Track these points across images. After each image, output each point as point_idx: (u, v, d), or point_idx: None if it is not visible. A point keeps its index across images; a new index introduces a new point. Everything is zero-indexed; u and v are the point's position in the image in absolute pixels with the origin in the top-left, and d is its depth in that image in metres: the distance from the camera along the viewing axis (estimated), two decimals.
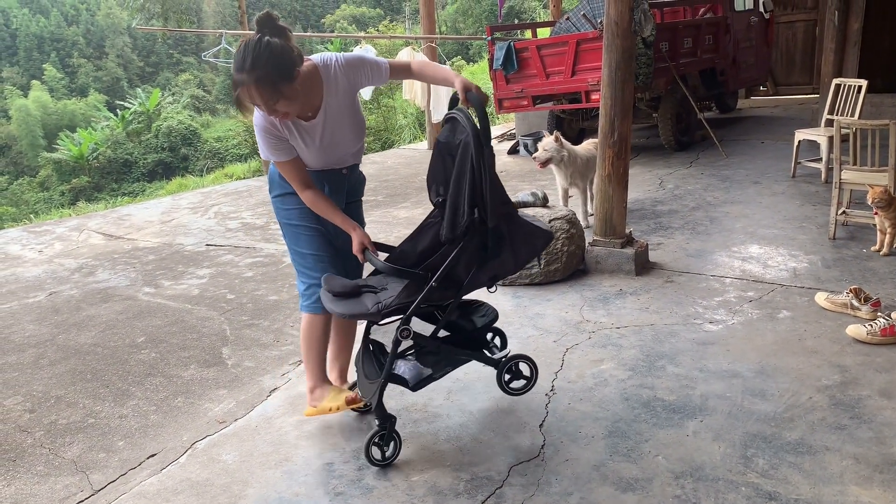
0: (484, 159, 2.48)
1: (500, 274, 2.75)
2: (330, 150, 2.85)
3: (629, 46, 4.33)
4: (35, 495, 2.82)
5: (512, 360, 2.99)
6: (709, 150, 8.36)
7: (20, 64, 59.27)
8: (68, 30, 63.08)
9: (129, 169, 35.09)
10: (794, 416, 2.89)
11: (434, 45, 9.87)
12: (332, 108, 2.76)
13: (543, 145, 5.43)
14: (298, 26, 61.11)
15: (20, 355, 4.23)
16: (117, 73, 59.42)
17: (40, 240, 7.25)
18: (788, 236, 5.09)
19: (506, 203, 2.65)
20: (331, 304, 2.70)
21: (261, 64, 2.42)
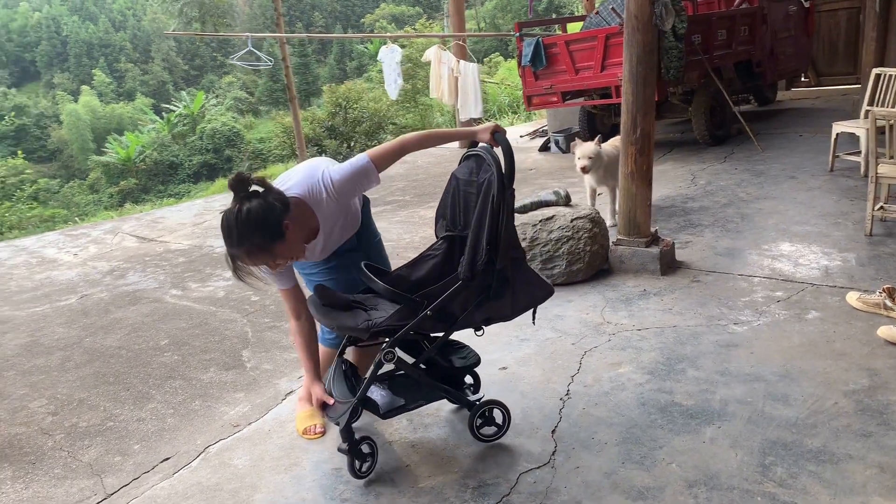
0: (505, 200, 2.44)
1: (494, 317, 2.67)
2: (328, 251, 2.89)
3: (650, 40, 4.23)
4: (51, 498, 2.86)
5: (487, 404, 2.85)
6: (744, 144, 8.15)
7: (70, 70, 60.92)
8: (116, 35, 64.65)
9: (174, 171, 35.82)
10: (817, 423, 2.78)
11: (462, 42, 9.81)
12: (328, 226, 2.74)
13: (587, 153, 5.30)
14: (339, 26, 61.65)
15: (48, 358, 4.31)
16: (163, 76, 60.69)
17: (76, 243, 7.41)
18: (822, 233, 4.93)
19: (517, 248, 2.60)
20: (319, 313, 2.67)
21: (246, 236, 2.38)
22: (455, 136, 2.80)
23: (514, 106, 18.41)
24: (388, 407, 2.73)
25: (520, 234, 4.54)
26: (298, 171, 2.72)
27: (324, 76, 51.86)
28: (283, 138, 22.75)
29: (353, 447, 2.66)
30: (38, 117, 50.92)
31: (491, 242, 2.46)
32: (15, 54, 63.68)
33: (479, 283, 2.51)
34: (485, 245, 2.45)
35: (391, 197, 8.11)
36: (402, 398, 2.76)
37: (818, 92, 11.50)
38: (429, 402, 2.84)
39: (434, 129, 2.83)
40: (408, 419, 3.11)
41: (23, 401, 3.76)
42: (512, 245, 2.55)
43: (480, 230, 2.47)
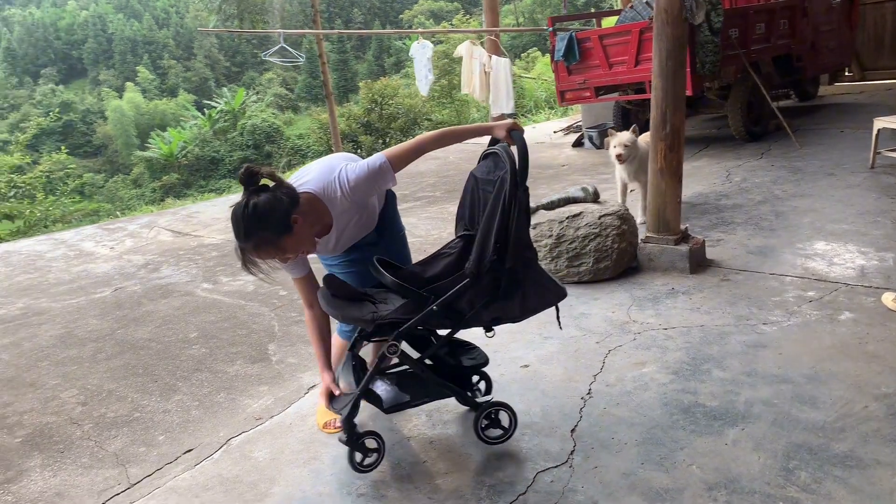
0: (517, 198, 2.41)
1: (503, 318, 2.63)
2: (343, 247, 2.88)
3: (680, 35, 4.15)
4: (77, 486, 2.92)
5: (492, 406, 2.81)
6: (782, 140, 7.98)
7: (116, 67, 62.26)
8: (159, 32, 65.88)
9: (215, 166, 36.35)
10: (845, 427, 2.70)
11: (495, 38, 9.76)
12: (341, 223, 2.73)
13: (624, 141, 5.25)
14: (377, 22, 61.93)
15: (81, 349, 4.41)
16: (205, 73, 61.69)
17: (113, 237, 7.56)
18: (859, 231, 4.79)
19: (529, 248, 2.55)
20: (326, 303, 2.67)
21: (253, 231, 2.39)
22: (472, 132, 2.76)
23: (550, 101, 18.28)
24: (392, 402, 2.72)
25: (546, 230, 4.50)
26: (316, 166, 2.73)
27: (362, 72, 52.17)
28: (319, 134, 22.94)
29: (353, 440, 2.66)
30: (85, 113, 52.19)
31: (500, 240, 2.42)
32: (63, 52, 65.30)
33: (487, 282, 2.48)
34: (493, 242, 2.42)
35: (421, 192, 8.11)
36: (407, 394, 2.75)
37: (862, 87, 11.20)
38: (434, 399, 2.82)
39: (451, 128, 2.80)
40: (426, 415, 3.11)
41: (55, 391, 3.85)
42: (524, 245, 2.50)
43: (490, 227, 2.44)
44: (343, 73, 52.91)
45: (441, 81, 21.17)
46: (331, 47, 51.94)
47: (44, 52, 64.63)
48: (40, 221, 15.98)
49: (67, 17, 67.70)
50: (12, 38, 64.13)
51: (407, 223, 3.20)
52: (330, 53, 50.63)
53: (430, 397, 2.79)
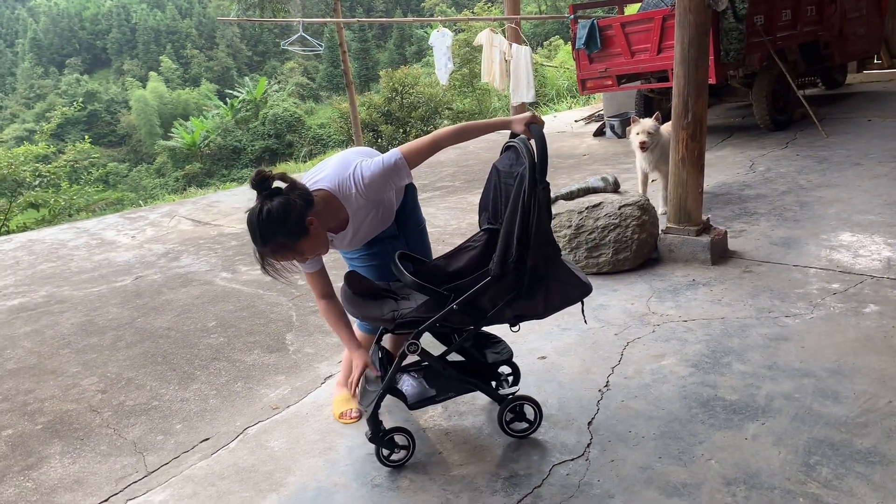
0: (536, 195, 2.36)
1: (526, 315, 2.59)
2: (360, 242, 2.86)
3: (702, 21, 4.07)
4: (95, 473, 2.95)
5: (517, 400, 2.78)
6: (808, 129, 7.84)
7: (139, 56, 62.79)
8: (182, 22, 66.27)
9: (237, 155, 36.56)
10: (868, 422, 2.65)
11: (516, 25, 9.68)
12: (357, 220, 2.71)
13: (647, 129, 5.17)
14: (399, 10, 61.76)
15: (101, 337, 4.44)
16: (227, 62, 61.99)
17: (134, 226, 7.62)
18: (886, 223, 4.69)
19: (550, 244, 2.50)
20: (347, 302, 2.66)
21: (269, 235, 2.39)
22: (490, 127, 2.71)
23: (572, 90, 18.12)
24: (417, 398, 2.71)
25: (565, 220, 4.46)
26: (332, 163, 2.71)
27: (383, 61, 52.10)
28: (340, 123, 22.92)
29: (378, 437, 2.65)
30: (109, 103, 52.70)
31: (522, 239, 2.39)
32: (87, 42, 65.94)
33: (510, 281, 2.45)
34: (515, 242, 2.39)
35: (441, 182, 8.08)
36: (432, 389, 2.74)
37: (892, 74, 10.97)
38: (458, 394, 2.80)
39: (468, 123, 2.75)
40: (443, 406, 3.09)
41: (75, 378, 3.89)
42: (545, 242, 2.45)
43: (512, 226, 2.40)
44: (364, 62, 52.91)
45: (462, 70, 21.03)
46: (352, 36, 51.91)
47: (69, 42, 65.30)
48: (65, 210, 16.17)
49: (92, 7, 68.30)
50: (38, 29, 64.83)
51: (426, 213, 3.18)
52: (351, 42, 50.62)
53: (454, 392, 2.77)
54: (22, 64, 60.84)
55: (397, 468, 2.70)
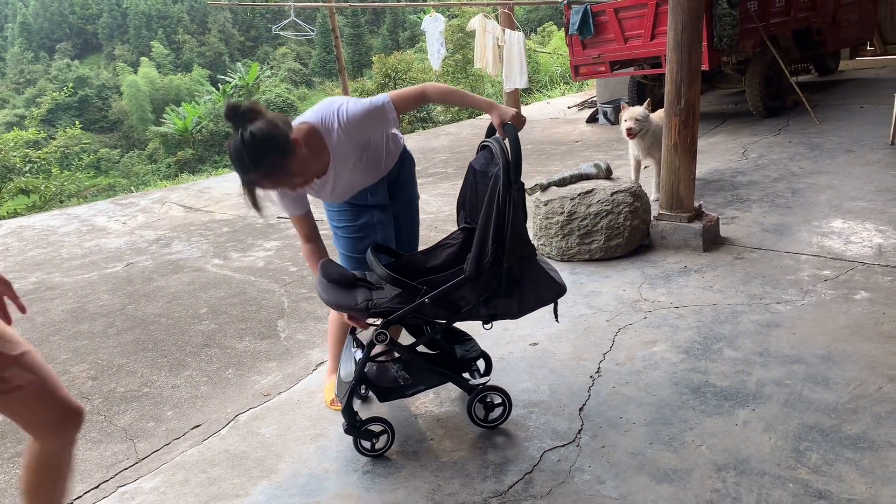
0: (511, 196, 2.35)
1: (501, 314, 2.59)
2: (344, 192, 2.79)
3: (696, 7, 4.06)
4: (86, 461, 2.94)
5: (486, 390, 2.77)
6: (800, 116, 7.84)
7: (130, 42, 62.29)
8: (174, 7, 65.74)
9: None
10: (858, 408, 2.66)
11: (508, 11, 9.62)
12: (340, 163, 2.65)
13: (635, 115, 5.16)
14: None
15: (92, 324, 4.42)
16: (219, 48, 61.58)
17: (125, 212, 7.58)
18: (878, 209, 4.70)
19: (526, 244, 2.49)
20: (322, 290, 2.64)
21: (259, 155, 2.27)
22: (474, 103, 2.68)
23: (565, 77, 18.10)
24: (388, 390, 2.71)
25: (558, 207, 4.45)
26: (318, 104, 2.67)
27: (376, 47, 51.80)
28: None
29: (355, 427, 2.64)
30: (100, 88, 52.33)
31: (497, 241, 2.38)
32: (78, 26, 65.36)
33: (485, 281, 2.45)
34: (491, 243, 2.38)
35: (433, 169, 8.06)
36: (404, 382, 2.73)
37: (884, 61, 10.97)
38: (429, 387, 2.78)
39: (458, 90, 2.74)
40: (434, 393, 3.09)
41: (66, 365, 3.87)
42: (521, 243, 2.45)
43: (487, 226, 2.39)
44: (357, 48, 52.63)
45: (455, 56, 20.97)
46: (345, 21, 51.56)
47: (59, 26, 64.73)
48: (55, 196, 16.07)
49: None
50: (28, 13, 64.21)
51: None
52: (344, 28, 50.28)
53: (425, 385, 2.76)
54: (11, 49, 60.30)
55: (386, 456, 2.70)
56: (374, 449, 2.69)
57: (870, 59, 11.27)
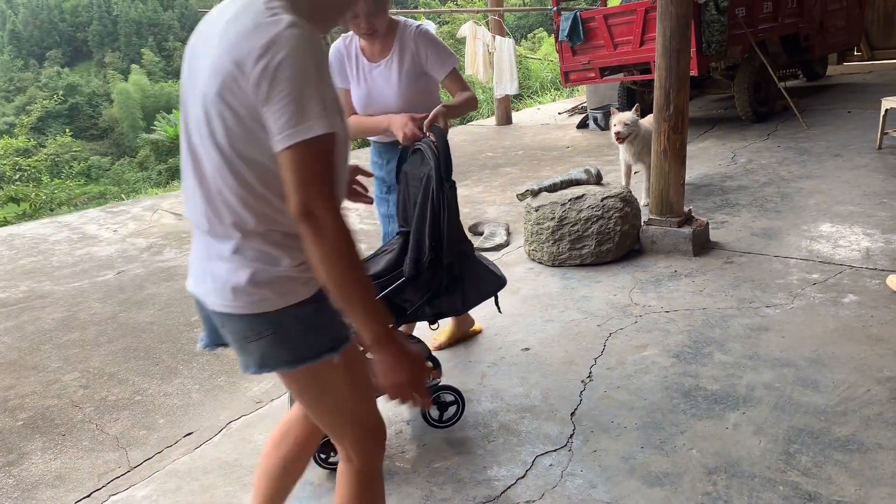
0: (443, 194, 2.38)
1: (446, 312, 2.61)
2: (371, 101, 2.95)
3: (684, 13, 4.09)
4: (77, 469, 2.93)
5: (438, 390, 2.80)
6: (789, 121, 7.90)
7: (121, 49, 62.05)
8: (164, 14, 65.57)
9: None
10: (847, 410, 2.68)
11: (498, 18, 9.66)
12: (394, 64, 2.89)
13: (624, 120, 5.20)
14: None
15: (83, 332, 4.41)
16: None
17: (116, 220, 7.56)
18: (866, 213, 4.75)
19: (462, 241, 2.51)
20: None
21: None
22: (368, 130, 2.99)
23: (556, 83, 18.14)
24: None
25: (548, 213, 4.47)
26: None
27: None
28: None
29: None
30: (90, 96, 52.10)
31: (434, 239, 2.39)
32: (68, 34, 65.12)
33: (426, 280, 2.46)
34: (428, 242, 2.39)
35: None
36: None
37: (871, 66, 11.07)
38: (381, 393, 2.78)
39: (354, 118, 2.99)
40: None
41: (57, 374, 3.86)
42: (458, 239, 2.47)
43: (422, 226, 2.40)
44: None
45: None
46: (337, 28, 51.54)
47: (49, 34, 64.47)
48: (45, 204, 16.00)
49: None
50: (17, 21, 63.98)
51: None
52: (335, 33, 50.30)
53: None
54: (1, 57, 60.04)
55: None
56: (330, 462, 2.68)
57: (857, 64, 11.37)
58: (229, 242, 1.59)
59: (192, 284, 1.71)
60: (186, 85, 1.61)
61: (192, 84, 1.58)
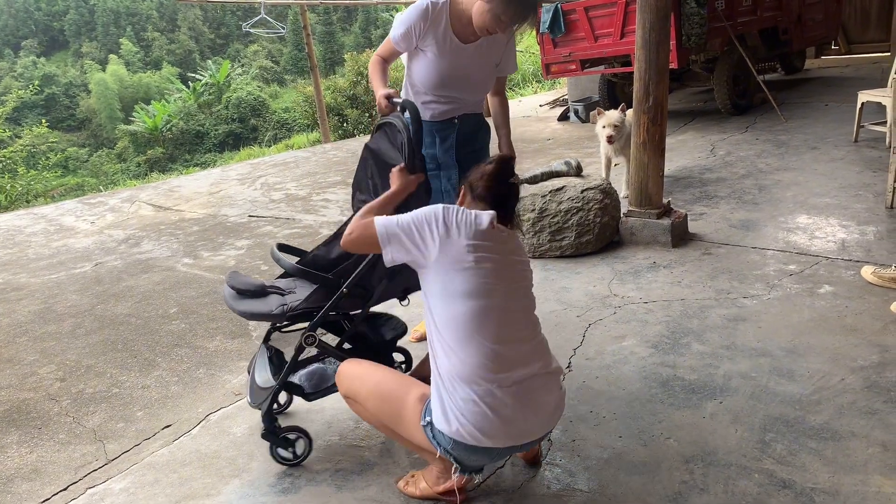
0: (414, 165, 2.42)
1: (412, 286, 2.61)
2: (447, 78, 2.99)
3: (663, 6, 4.10)
4: (54, 462, 2.90)
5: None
6: (767, 113, 7.97)
7: (98, 39, 61.19)
8: (142, 4, 64.69)
9: (200, 140, 35.97)
10: (821, 399, 2.72)
11: None
12: (485, 50, 3.00)
13: (612, 121, 5.21)
14: None
15: (60, 325, 4.37)
16: (189, 45, 60.73)
17: (94, 211, 7.48)
18: (841, 205, 4.80)
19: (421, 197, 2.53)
20: (233, 301, 2.64)
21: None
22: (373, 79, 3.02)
23: (537, 75, 18.16)
24: (314, 388, 2.69)
25: (529, 204, 4.48)
26: None
27: (348, 45, 51.49)
28: (305, 107, 22.68)
29: (273, 434, 2.61)
30: (67, 86, 51.38)
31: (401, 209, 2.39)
32: (44, 23, 64.10)
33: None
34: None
35: None
36: (330, 380, 2.71)
37: (848, 60, 11.19)
38: None
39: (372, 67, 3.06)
40: None
41: (33, 367, 3.82)
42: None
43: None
44: (329, 46, 52.30)
45: None
46: (316, 19, 51.26)
47: (24, 23, 63.44)
48: (21, 196, 15.80)
49: None
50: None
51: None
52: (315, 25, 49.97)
53: None
54: None
55: (362, 456, 2.70)
56: (289, 459, 2.66)
57: (834, 58, 11.48)
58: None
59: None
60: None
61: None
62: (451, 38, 2.93)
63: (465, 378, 2.00)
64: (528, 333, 2.15)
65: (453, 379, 2.02)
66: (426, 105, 3.06)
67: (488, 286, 2.05)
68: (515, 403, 2.03)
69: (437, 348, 2.08)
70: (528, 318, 2.19)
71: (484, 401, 1.99)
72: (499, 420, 2.00)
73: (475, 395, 1.99)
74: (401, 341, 3.00)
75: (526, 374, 2.07)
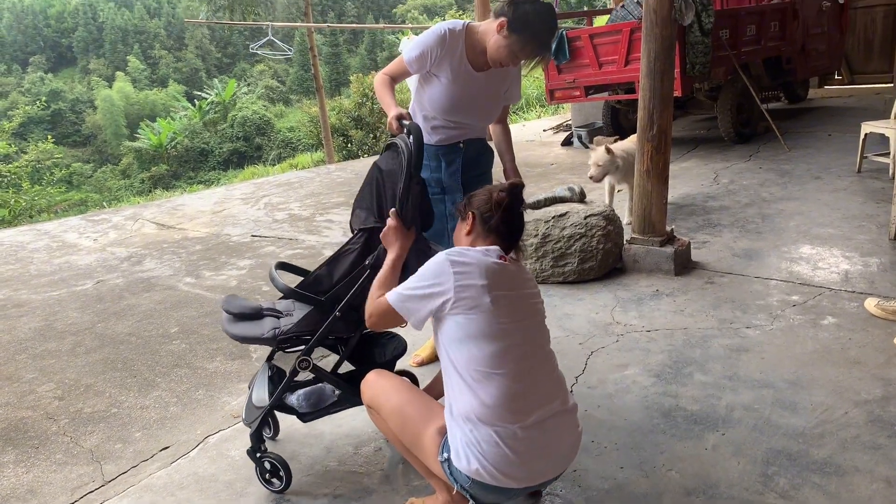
0: (410, 187, 2.43)
1: None
2: (458, 104, 3.03)
3: (668, 35, 4.14)
4: (50, 483, 2.88)
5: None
6: (771, 142, 7.99)
7: (106, 56, 61.68)
8: (151, 22, 65.32)
9: (205, 158, 36.14)
10: (824, 433, 2.70)
11: None
12: (494, 79, 3.03)
13: (596, 161, 5.23)
14: (370, 16, 61.69)
15: (60, 343, 4.35)
16: (196, 63, 61.21)
17: (97, 228, 7.49)
18: (845, 236, 4.80)
19: (419, 240, 2.53)
20: (227, 325, 2.64)
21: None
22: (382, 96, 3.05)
23: (541, 100, 18.24)
24: (311, 408, 2.68)
25: (532, 230, 4.48)
26: None
27: (354, 66, 51.86)
28: (310, 128, 22.80)
29: (254, 455, 2.61)
30: (74, 102, 51.73)
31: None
32: (52, 40, 64.68)
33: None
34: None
35: None
36: (327, 401, 2.69)
37: (851, 90, 11.24)
38: (353, 405, 2.71)
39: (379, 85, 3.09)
40: None
41: (31, 385, 3.80)
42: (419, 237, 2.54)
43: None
44: (335, 67, 52.67)
45: None
46: (323, 40, 51.68)
47: (33, 39, 64.00)
48: (25, 211, 15.85)
49: (57, 5, 67.02)
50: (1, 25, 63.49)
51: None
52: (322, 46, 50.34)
53: (350, 404, 2.71)
54: None
55: (360, 480, 2.68)
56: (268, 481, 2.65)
57: (837, 87, 11.53)
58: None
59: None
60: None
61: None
62: (465, 66, 2.95)
63: (487, 420, 1.98)
64: (547, 368, 2.16)
65: (473, 419, 2.00)
66: (434, 129, 3.08)
67: (506, 326, 2.04)
68: (536, 444, 2.02)
69: (455, 388, 2.06)
70: (546, 354, 2.19)
71: (506, 442, 1.97)
72: (519, 461, 1.99)
73: (497, 437, 1.97)
74: (402, 365, 2.98)
75: (546, 413, 2.06)
